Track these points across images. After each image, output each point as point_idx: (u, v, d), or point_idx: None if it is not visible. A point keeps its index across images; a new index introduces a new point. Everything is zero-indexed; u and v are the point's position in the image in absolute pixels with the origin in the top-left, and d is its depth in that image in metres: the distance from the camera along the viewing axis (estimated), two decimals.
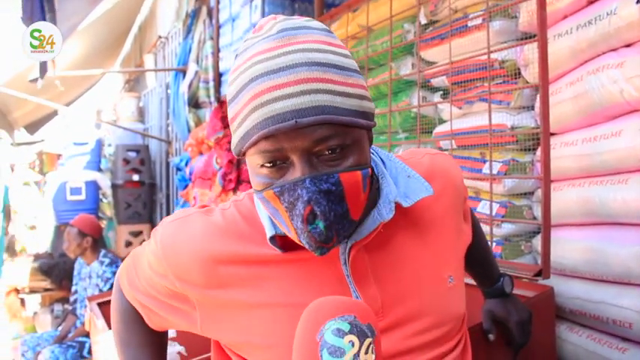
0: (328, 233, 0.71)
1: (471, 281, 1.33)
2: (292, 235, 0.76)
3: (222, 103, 4.18)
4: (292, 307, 0.79)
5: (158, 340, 1.04)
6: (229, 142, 3.91)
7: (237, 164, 3.79)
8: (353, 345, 0.60)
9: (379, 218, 0.81)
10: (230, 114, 0.76)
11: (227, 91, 0.77)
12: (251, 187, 0.82)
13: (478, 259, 1.24)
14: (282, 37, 0.72)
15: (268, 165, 0.73)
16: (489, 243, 1.69)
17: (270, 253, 0.82)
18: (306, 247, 0.74)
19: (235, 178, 3.75)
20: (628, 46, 1.53)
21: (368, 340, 0.61)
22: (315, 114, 0.68)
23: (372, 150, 0.91)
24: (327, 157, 0.72)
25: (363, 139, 0.76)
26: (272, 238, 0.81)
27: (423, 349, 0.84)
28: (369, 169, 0.75)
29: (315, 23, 0.77)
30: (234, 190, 3.76)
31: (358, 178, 0.73)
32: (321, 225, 0.71)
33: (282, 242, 0.82)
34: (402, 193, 0.84)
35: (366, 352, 0.61)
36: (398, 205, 0.83)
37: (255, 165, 0.75)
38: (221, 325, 0.86)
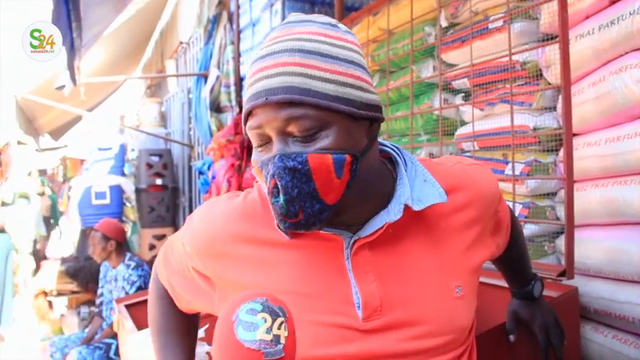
0: (290, 208, 0.76)
1: (497, 282, 1.35)
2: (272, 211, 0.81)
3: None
4: (296, 295, 0.83)
5: (190, 326, 1.11)
6: (235, 148, 3.99)
7: (238, 169, 3.89)
8: (265, 321, 0.64)
9: (386, 218, 0.83)
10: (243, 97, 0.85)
11: None
12: None
13: (513, 263, 1.24)
14: (283, 27, 0.80)
15: (258, 142, 0.80)
16: None
17: (280, 237, 0.84)
18: (275, 219, 0.80)
19: (237, 184, 3.84)
20: None
21: (280, 319, 0.65)
22: (283, 92, 0.74)
23: (398, 151, 0.93)
24: (299, 138, 0.76)
25: (345, 126, 0.77)
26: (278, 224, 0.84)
27: (419, 356, 0.85)
28: (347, 156, 0.76)
29: (323, 18, 0.83)
30: None
31: (329, 161, 0.75)
32: (281, 199, 0.76)
33: None
34: (414, 197, 0.85)
35: (279, 328, 0.65)
36: (411, 210, 0.83)
37: (253, 144, 0.83)
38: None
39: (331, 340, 0.82)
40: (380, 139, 0.93)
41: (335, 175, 0.76)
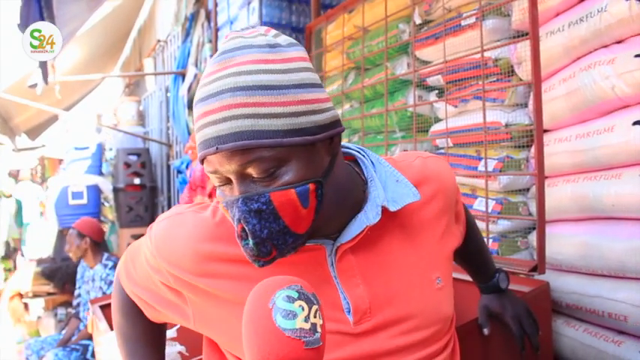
0: (261, 249, 0.75)
1: (468, 277, 1.36)
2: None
3: None
4: None
5: (157, 333, 1.08)
6: None
7: None
8: (303, 309, 0.63)
9: (365, 222, 0.82)
10: None
11: None
12: None
13: (473, 256, 1.26)
14: (220, 60, 0.75)
15: (219, 184, 0.78)
16: (486, 240, 1.70)
17: None
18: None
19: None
20: (619, 42, 1.54)
21: (315, 307, 0.64)
22: (234, 139, 0.71)
23: (363, 153, 0.93)
24: (259, 178, 0.74)
25: (302, 155, 0.75)
26: None
27: (411, 350, 0.85)
28: (310, 185, 0.75)
29: (260, 39, 0.77)
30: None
31: (292, 196, 0.74)
32: (251, 242, 0.74)
33: None
34: (389, 198, 0.85)
35: (315, 317, 0.64)
36: (386, 210, 0.84)
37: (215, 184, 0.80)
38: (211, 320, 0.88)
39: None
40: (343, 142, 0.91)
41: (301, 207, 0.75)
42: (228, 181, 0.77)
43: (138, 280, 0.98)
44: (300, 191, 0.74)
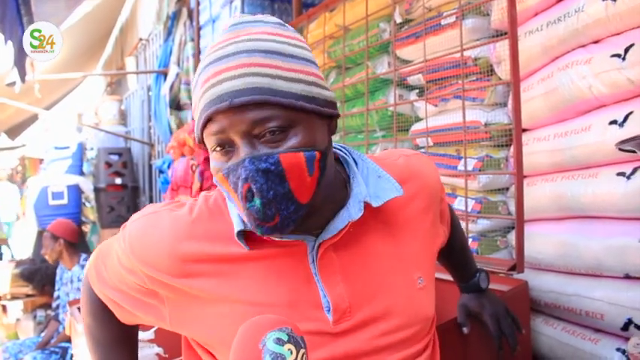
0: (266, 211, 0.73)
1: (448, 277, 1.36)
2: (242, 215, 0.78)
3: None
4: (259, 306, 0.80)
5: (128, 335, 1.05)
6: None
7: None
8: (291, 352, 0.64)
9: (348, 217, 0.82)
10: (193, 102, 0.80)
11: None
12: None
13: (455, 256, 1.25)
14: (232, 29, 0.78)
15: (218, 149, 0.76)
16: None
17: (237, 251, 0.82)
18: (250, 227, 0.77)
19: (210, 176, 3.78)
20: (596, 42, 1.55)
21: (302, 351, 0.65)
22: (250, 94, 0.71)
23: (345, 150, 0.93)
24: (268, 139, 0.74)
25: (312, 123, 0.77)
26: (239, 234, 0.81)
27: (391, 350, 0.85)
28: (317, 153, 0.76)
29: (270, 18, 0.81)
30: (210, 188, 3.79)
31: (301, 159, 0.74)
32: (257, 202, 0.73)
33: (251, 238, 0.82)
34: (372, 193, 0.85)
35: None
36: (369, 206, 0.83)
37: (210, 150, 0.78)
38: (189, 319, 0.86)
39: None
40: None
41: (307, 172, 0.75)
42: (230, 145, 0.75)
43: (109, 281, 0.95)
44: (308, 156, 0.74)
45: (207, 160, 3.83)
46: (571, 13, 1.57)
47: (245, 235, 0.82)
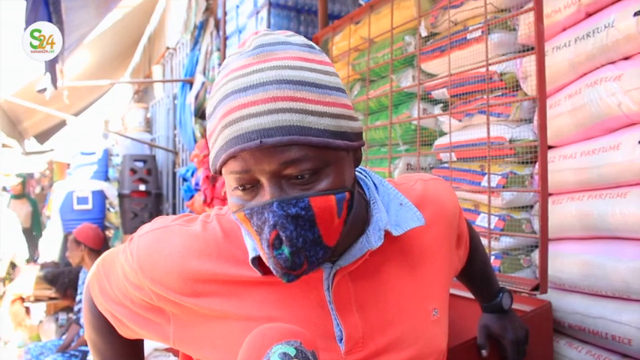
0: (295, 260, 0.68)
1: (467, 294, 1.33)
2: (264, 259, 0.73)
3: None
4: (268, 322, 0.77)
5: (133, 351, 1.02)
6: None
7: (212, 180, 3.91)
8: None
9: (367, 245, 0.78)
10: (208, 130, 0.74)
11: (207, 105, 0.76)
12: (220, 205, 0.80)
13: (477, 275, 1.22)
14: (257, 53, 0.69)
15: (240, 188, 0.70)
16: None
17: (250, 274, 0.79)
18: (273, 272, 0.71)
19: (211, 196, 3.85)
20: (626, 58, 1.52)
21: None
22: (281, 134, 0.65)
23: (365, 174, 0.89)
24: (298, 181, 0.68)
25: (341, 160, 0.72)
26: (254, 260, 0.78)
27: None
28: (347, 193, 0.71)
29: (297, 39, 0.74)
30: (210, 204, 3.88)
31: (332, 202, 0.69)
32: (286, 251, 0.68)
33: (264, 262, 0.79)
34: (392, 221, 0.82)
35: None
36: (388, 234, 0.80)
37: (229, 186, 0.73)
38: (194, 337, 0.84)
39: None
40: None
41: (336, 215, 0.70)
42: (252, 184, 0.70)
43: (112, 296, 0.92)
44: (338, 198, 0.70)
45: (207, 178, 3.90)
46: (600, 29, 1.54)
47: (259, 260, 0.78)
